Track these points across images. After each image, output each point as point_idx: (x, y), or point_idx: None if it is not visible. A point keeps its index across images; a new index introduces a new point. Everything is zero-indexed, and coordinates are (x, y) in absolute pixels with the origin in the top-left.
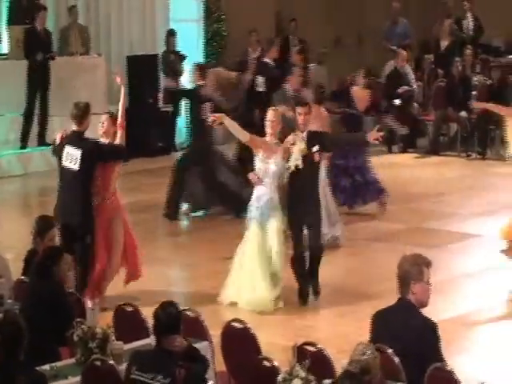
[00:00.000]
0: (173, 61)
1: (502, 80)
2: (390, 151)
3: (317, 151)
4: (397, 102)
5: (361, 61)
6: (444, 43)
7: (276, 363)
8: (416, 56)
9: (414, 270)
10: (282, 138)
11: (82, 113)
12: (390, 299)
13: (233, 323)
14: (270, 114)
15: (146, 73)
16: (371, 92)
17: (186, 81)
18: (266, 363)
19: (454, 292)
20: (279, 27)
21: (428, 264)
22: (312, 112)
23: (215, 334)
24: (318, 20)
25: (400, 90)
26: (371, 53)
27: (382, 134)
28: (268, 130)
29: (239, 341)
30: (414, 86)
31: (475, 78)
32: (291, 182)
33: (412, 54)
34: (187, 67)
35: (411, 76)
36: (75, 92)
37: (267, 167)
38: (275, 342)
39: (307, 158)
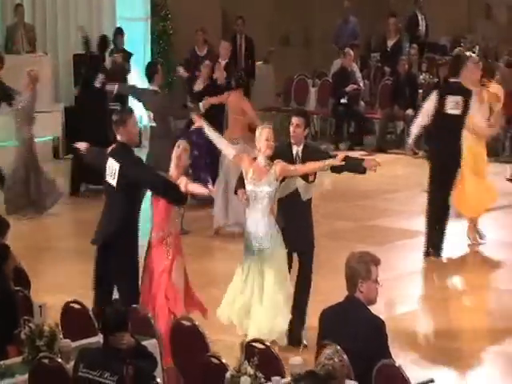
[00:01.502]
0: (119, 60)
1: (447, 78)
2: (337, 148)
3: None
4: (344, 100)
5: (308, 60)
6: (390, 42)
7: (224, 360)
8: (362, 54)
9: (361, 269)
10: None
11: (121, 118)
12: (339, 296)
13: (181, 321)
14: (266, 132)
15: (94, 71)
16: None
17: (133, 79)
18: (214, 360)
19: (403, 289)
20: (226, 25)
21: (376, 262)
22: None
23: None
24: (265, 18)
25: (347, 89)
26: (319, 51)
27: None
28: (261, 149)
29: (187, 338)
30: (361, 85)
31: (421, 77)
32: (282, 204)
33: (358, 53)
34: (134, 66)
35: (358, 74)
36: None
37: (258, 190)
38: (224, 340)
39: (302, 176)
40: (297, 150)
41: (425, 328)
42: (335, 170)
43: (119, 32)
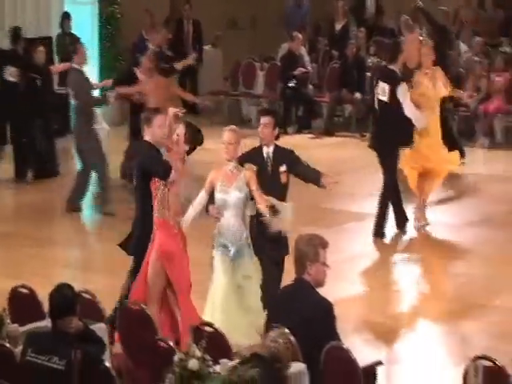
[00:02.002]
0: (67, 43)
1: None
2: (285, 132)
3: (284, 171)
4: (292, 83)
5: (256, 43)
6: (338, 25)
7: (172, 343)
8: (311, 38)
9: (309, 251)
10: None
11: (147, 117)
12: (286, 279)
13: (129, 305)
14: (227, 136)
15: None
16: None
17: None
18: (162, 344)
19: (350, 272)
20: (173, 9)
21: (324, 245)
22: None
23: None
24: (212, 1)
25: (295, 72)
26: (267, 35)
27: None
28: (225, 154)
29: (136, 322)
30: (309, 68)
31: (369, 60)
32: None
33: (306, 36)
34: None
35: (306, 58)
36: None
37: (228, 197)
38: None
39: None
40: (267, 151)
41: (373, 310)
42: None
43: (66, 16)
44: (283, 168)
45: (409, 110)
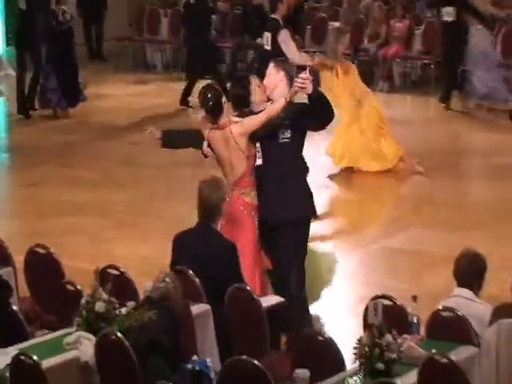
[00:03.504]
0: None
1: (296, 5)
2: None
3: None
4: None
5: None
6: None
7: (79, 287)
8: None
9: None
10: None
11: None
12: (192, 222)
13: (36, 248)
14: None
15: None
16: None
17: None
18: (69, 287)
19: None
20: None
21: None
22: None
23: (18, 259)
24: None
25: None
26: None
27: None
28: None
29: (43, 266)
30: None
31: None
32: None
33: None
34: None
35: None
36: None
37: None
38: (80, 266)
39: None
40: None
41: None
42: None
43: None
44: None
45: (289, 53)
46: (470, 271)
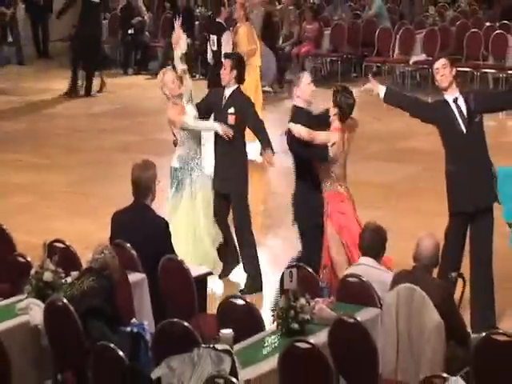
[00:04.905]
0: None
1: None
2: (125, 73)
3: (232, 114)
4: (130, 31)
5: None
6: None
7: (29, 259)
8: None
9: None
10: None
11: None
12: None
13: None
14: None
15: None
16: None
17: None
18: (20, 259)
19: None
20: None
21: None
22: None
23: None
24: None
25: (133, 21)
26: None
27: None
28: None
29: None
30: (145, 17)
31: (197, 10)
32: None
33: None
34: None
35: (142, 8)
36: None
37: None
38: (29, 241)
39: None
40: (226, 92)
41: None
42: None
43: None
44: (231, 110)
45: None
46: (373, 242)
